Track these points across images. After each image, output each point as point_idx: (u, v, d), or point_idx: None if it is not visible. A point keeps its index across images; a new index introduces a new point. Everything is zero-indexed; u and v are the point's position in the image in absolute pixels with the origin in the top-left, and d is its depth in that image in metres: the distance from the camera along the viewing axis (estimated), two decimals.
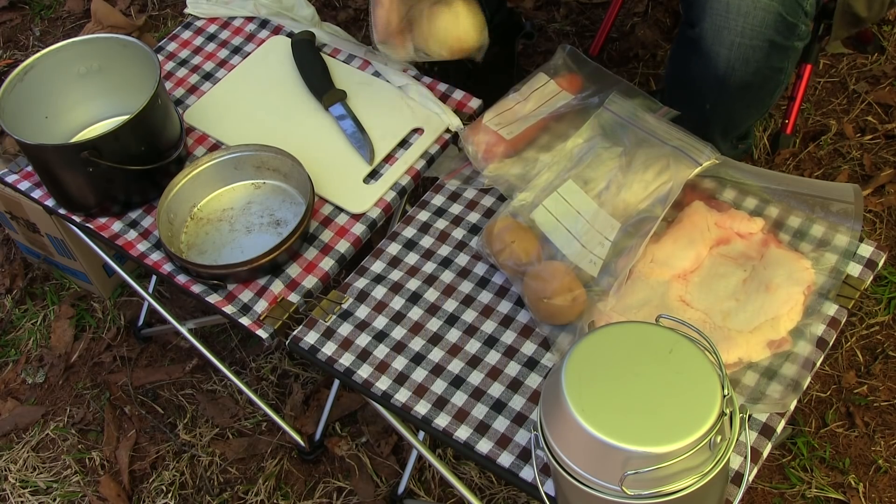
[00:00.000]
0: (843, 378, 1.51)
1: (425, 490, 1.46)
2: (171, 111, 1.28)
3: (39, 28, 2.27)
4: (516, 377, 1.03)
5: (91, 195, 1.25)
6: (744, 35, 1.19)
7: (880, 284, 1.59)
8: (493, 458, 0.97)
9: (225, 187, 1.28)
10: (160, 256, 1.22)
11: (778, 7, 1.17)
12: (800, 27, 1.21)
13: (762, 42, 1.19)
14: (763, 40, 1.19)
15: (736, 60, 1.22)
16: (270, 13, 1.48)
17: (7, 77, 1.23)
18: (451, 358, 1.06)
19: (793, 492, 1.40)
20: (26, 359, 1.70)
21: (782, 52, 1.22)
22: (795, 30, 1.21)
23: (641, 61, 1.95)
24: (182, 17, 2.07)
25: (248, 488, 1.49)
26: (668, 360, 0.79)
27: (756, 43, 1.19)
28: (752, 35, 1.19)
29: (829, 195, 1.11)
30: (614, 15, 1.92)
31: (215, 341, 1.66)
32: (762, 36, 1.19)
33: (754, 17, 1.17)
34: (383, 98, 1.34)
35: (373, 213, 1.23)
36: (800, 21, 1.20)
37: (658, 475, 0.75)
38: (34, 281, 1.79)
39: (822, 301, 1.03)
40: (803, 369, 0.98)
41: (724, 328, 1.00)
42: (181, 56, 1.46)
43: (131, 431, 1.58)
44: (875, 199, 1.69)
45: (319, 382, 1.59)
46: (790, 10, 1.18)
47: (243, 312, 1.16)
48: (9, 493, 1.53)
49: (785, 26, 1.19)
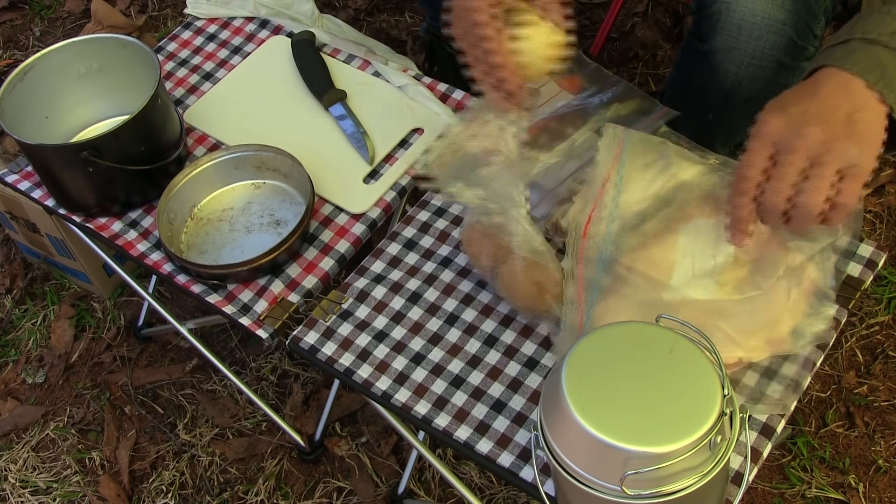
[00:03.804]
0: (843, 378, 1.51)
1: (425, 490, 1.46)
2: (171, 111, 1.28)
3: (39, 28, 2.27)
4: (516, 377, 1.03)
5: (91, 195, 1.25)
6: (754, 56, 1.19)
7: (880, 284, 1.59)
8: (493, 458, 0.97)
9: (225, 187, 1.28)
10: (160, 256, 1.22)
11: (790, 31, 1.17)
12: (809, 50, 1.21)
13: (771, 63, 1.20)
14: (772, 61, 1.20)
15: (744, 78, 1.22)
16: (270, 13, 1.48)
17: (7, 77, 1.23)
18: (452, 358, 1.06)
19: (793, 492, 1.40)
20: (26, 359, 1.70)
21: (790, 70, 1.22)
22: (804, 52, 1.21)
23: (641, 61, 1.95)
24: (182, 17, 2.07)
25: (248, 488, 1.49)
26: (668, 360, 0.79)
27: (766, 64, 1.20)
28: (763, 56, 1.19)
29: None
30: (614, 15, 1.92)
31: (215, 341, 1.66)
32: (772, 57, 1.19)
33: (766, 39, 1.17)
34: (383, 98, 1.34)
35: (373, 213, 1.23)
36: (809, 44, 1.20)
37: (658, 475, 0.75)
38: (34, 281, 1.79)
39: (823, 301, 1.03)
40: (803, 369, 0.98)
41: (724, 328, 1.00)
42: (181, 56, 1.46)
43: (131, 431, 1.58)
44: (875, 199, 1.69)
45: (319, 382, 1.59)
46: (801, 33, 1.18)
47: (243, 312, 1.16)
48: (9, 493, 1.53)
49: (795, 49, 1.19)
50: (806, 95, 0.84)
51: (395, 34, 2.09)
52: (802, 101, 0.83)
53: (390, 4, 2.16)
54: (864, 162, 0.80)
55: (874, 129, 0.82)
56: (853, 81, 0.83)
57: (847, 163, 0.80)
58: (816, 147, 0.80)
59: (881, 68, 0.82)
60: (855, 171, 0.80)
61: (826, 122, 0.80)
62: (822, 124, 0.80)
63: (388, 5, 2.16)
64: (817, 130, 0.80)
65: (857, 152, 0.80)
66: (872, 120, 0.82)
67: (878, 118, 0.82)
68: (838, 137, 0.80)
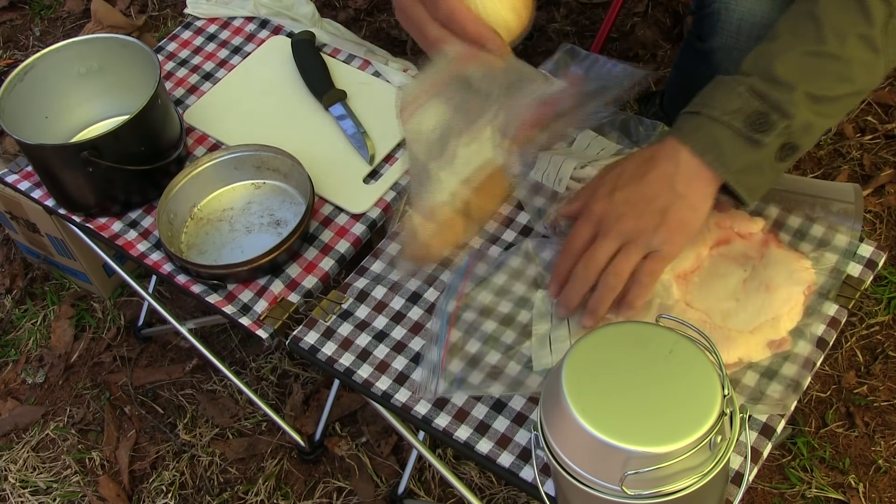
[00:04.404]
0: (843, 378, 1.51)
1: (425, 490, 1.46)
2: (171, 111, 1.28)
3: (39, 28, 2.27)
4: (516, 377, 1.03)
5: (91, 195, 1.25)
6: None
7: (880, 284, 1.59)
8: (493, 458, 0.97)
9: (225, 187, 1.28)
10: (160, 256, 1.22)
11: None
12: None
13: None
14: None
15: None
16: (270, 13, 1.48)
17: (7, 77, 1.23)
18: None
19: (793, 492, 1.40)
20: (26, 359, 1.70)
21: None
22: None
23: (641, 61, 1.95)
24: (182, 17, 2.07)
25: (248, 488, 1.49)
26: (668, 360, 0.79)
27: None
28: None
29: (829, 195, 1.11)
30: (614, 15, 1.92)
31: (215, 341, 1.66)
32: None
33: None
34: (383, 98, 1.34)
35: (373, 213, 1.23)
36: None
37: (658, 475, 0.75)
38: (34, 281, 1.79)
39: (823, 301, 1.03)
40: (803, 369, 0.98)
41: (724, 328, 1.00)
42: (181, 56, 1.46)
43: (131, 431, 1.58)
44: (875, 199, 1.69)
45: (319, 382, 1.59)
46: None
47: (243, 312, 1.16)
48: (9, 493, 1.53)
49: None
50: (637, 177, 0.96)
51: (395, 34, 2.09)
52: (629, 186, 0.96)
53: (390, 4, 2.16)
54: (667, 248, 0.96)
55: (686, 218, 0.96)
56: (687, 160, 0.94)
57: (651, 249, 0.95)
58: (627, 234, 0.95)
59: (718, 148, 0.93)
60: (657, 256, 0.96)
61: (641, 213, 0.95)
62: (636, 216, 0.95)
63: (388, 5, 2.16)
64: (632, 220, 0.95)
65: (661, 241, 0.95)
66: (686, 209, 0.95)
67: (694, 205, 0.95)
68: (648, 228, 0.95)
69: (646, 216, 0.95)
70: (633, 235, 0.95)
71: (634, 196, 0.96)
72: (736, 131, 0.93)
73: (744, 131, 0.93)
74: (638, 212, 0.95)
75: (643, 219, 0.95)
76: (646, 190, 0.96)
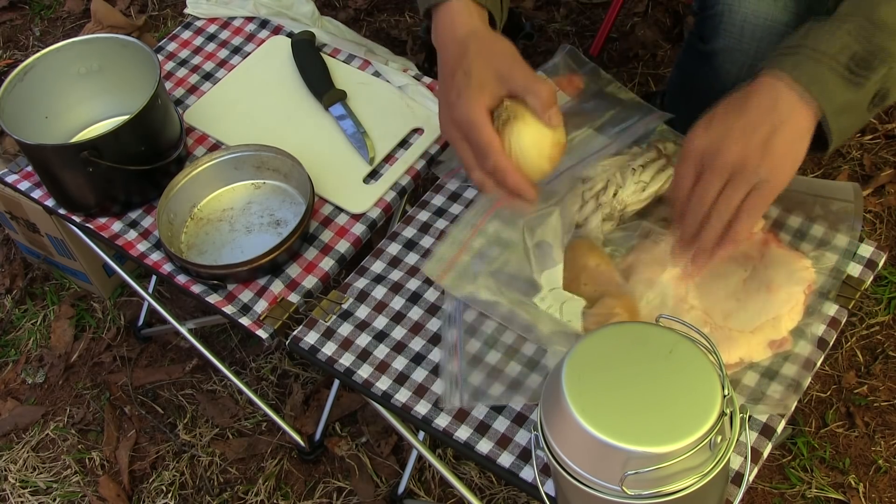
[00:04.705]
0: (843, 378, 1.51)
1: (425, 490, 1.46)
2: (171, 111, 1.28)
3: (39, 28, 2.27)
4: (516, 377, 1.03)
5: (91, 195, 1.25)
6: (756, 58, 1.18)
7: (880, 284, 1.59)
8: (494, 458, 0.97)
9: (225, 187, 1.28)
10: (160, 256, 1.22)
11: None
12: None
13: None
14: None
15: (746, 79, 1.20)
16: (270, 13, 1.48)
17: (7, 77, 1.23)
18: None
19: (793, 492, 1.40)
20: (26, 359, 1.70)
21: None
22: None
23: (641, 61, 1.95)
24: (182, 17, 2.07)
25: (248, 488, 1.49)
26: (668, 360, 0.79)
27: None
28: (765, 58, 1.19)
29: (829, 194, 1.11)
30: (614, 15, 1.92)
31: (215, 341, 1.66)
32: None
33: (768, 41, 1.16)
34: (383, 98, 1.34)
35: (373, 213, 1.23)
36: None
37: (658, 475, 0.75)
38: (34, 281, 1.79)
39: (823, 301, 1.03)
40: (804, 369, 0.98)
41: (724, 328, 1.00)
42: (181, 56, 1.46)
43: (131, 431, 1.58)
44: (875, 199, 1.69)
45: (319, 382, 1.59)
46: None
47: (243, 312, 1.16)
48: (9, 493, 1.53)
49: None
50: (734, 110, 0.93)
51: (395, 34, 2.09)
52: (729, 118, 0.93)
53: (390, 4, 2.16)
54: (773, 179, 0.91)
55: (792, 146, 0.92)
56: (787, 93, 0.91)
57: (758, 180, 0.91)
58: (732, 167, 0.91)
59: (822, 83, 0.91)
60: (765, 187, 0.91)
61: (745, 143, 0.91)
62: (740, 145, 0.90)
63: (388, 5, 2.16)
64: (735, 150, 0.91)
65: (767, 171, 0.91)
66: (791, 136, 0.91)
67: (798, 133, 0.92)
68: (753, 158, 0.90)
69: (750, 145, 0.91)
70: (737, 168, 0.91)
71: (737, 124, 0.92)
72: (838, 70, 0.91)
73: (846, 72, 0.91)
74: (742, 140, 0.91)
75: (748, 148, 0.91)
76: (745, 121, 0.92)
